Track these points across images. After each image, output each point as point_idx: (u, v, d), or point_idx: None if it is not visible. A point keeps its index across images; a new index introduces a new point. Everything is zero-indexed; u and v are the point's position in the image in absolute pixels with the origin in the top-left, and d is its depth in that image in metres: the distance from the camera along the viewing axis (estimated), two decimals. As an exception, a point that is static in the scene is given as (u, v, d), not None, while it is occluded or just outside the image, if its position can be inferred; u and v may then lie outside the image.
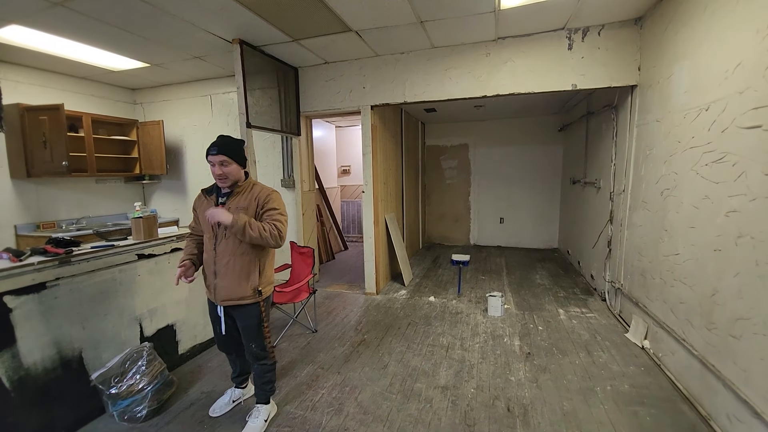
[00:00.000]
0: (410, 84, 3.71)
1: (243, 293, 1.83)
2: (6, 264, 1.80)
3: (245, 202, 1.82)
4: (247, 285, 1.83)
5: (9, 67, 3.61)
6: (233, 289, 1.83)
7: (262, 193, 1.85)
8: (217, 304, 1.89)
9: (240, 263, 1.82)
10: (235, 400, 2.17)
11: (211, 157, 1.77)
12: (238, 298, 1.84)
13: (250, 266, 1.84)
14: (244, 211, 1.79)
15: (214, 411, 2.11)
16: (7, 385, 1.70)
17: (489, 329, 3.16)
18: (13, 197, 3.73)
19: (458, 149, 6.81)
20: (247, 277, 1.83)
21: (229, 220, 1.66)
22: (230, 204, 1.82)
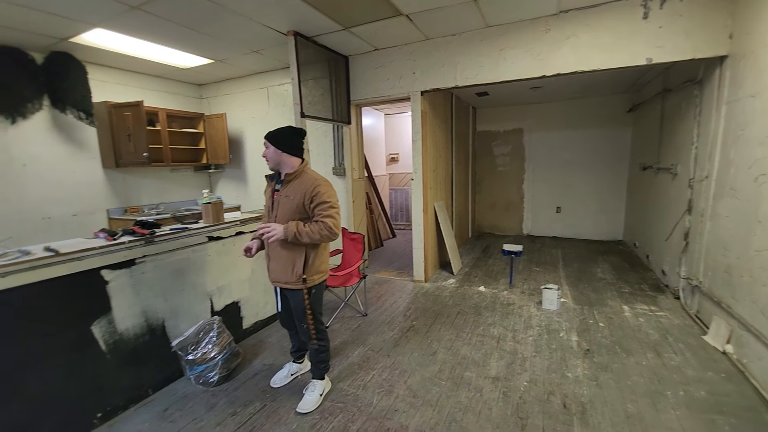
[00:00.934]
0: (462, 67, 3.58)
1: (288, 279, 1.93)
2: (103, 242, 2.07)
3: (293, 191, 1.88)
4: (291, 272, 1.91)
5: (97, 68, 4.06)
6: (280, 272, 1.95)
7: (309, 184, 1.87)
8: (272, 283, 2.03)
9: (285, 251, 1.91)
10: (293, 373, 2.32)
11: None
12: (284, 282, 1.96)
13: (295, 255, 1.91)
14: (291, 200, 1.87)
15: (274, 382, 2.28)
16: (104, 347, 1.98)
17: (543, 323, 3.03)
18: (105, 185, 4.27)
19: (512, 134, 6.48)
20: (292, 263, 1.91)
21: (282, 235, 1.79)
22: (282, 192, 1.92)
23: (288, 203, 1.88)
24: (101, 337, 1.95)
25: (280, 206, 1.91)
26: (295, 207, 1.87)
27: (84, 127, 3.98)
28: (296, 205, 1.87)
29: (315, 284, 1.99)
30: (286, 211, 1.89)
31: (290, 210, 1.88)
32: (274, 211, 1.93)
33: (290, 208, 1.88)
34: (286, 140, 1.91)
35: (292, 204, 1.87)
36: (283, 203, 1.90)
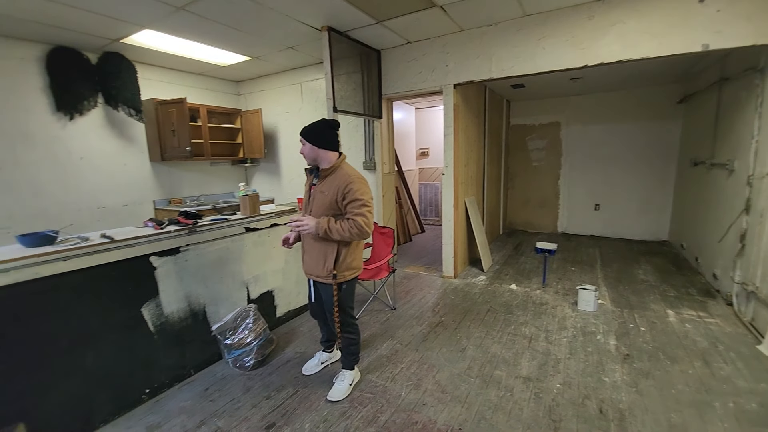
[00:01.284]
0: (497, 59, 3.47)
1: (319, 272, 1.96)
2: (151, 231, 2.21)
3: (327, 187, 1.90)
4: (322, 266, 1.94)
5: (145, 68, 4.31)
6: (313, 265, 1.99)
7: (343, 180, 1.86)
8: (306, 274, 2.08)
9: (317, 245, 1.94)
10: (323, 362, 2.39)
11: None
12: (316, 275, 2.00)
13: (326, 250, 1.92)
14: (324, 195, 1.89)
15: (305, 370, 2.35)
16: (152, 328, 2.12)
17: (579, 324, 2.92)
18: (151, 177, 4.55)
19: (548, 128, 6.23)
20: (323, 258, 1.93)
21: (313, 229, 1.82)
22: (318, 186, 1.94)
23: (322, 198, 1.90)
24: (150, 319, 2.10)
25: (314, 200, 1.94)
26: (328, 203, 1.88)
27: (134, 123, 4.26)
28: (329, 201, 1.88)
29: (345, 280, 1.99)
30: (320, 206, 1.91)
31: (324, 205, 1.90)
32: (309, 205, 1.97)
33: (324, 203, 1.90)
34: (321, 135, 1.92)
35: (325, 199, 1.89)
36: (318, 198, 1.92)
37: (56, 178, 3.73)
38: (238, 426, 1.89)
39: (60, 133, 3.74)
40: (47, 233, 1.86)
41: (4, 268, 1.58)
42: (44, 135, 3.63)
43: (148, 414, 2.00)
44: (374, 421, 1.90)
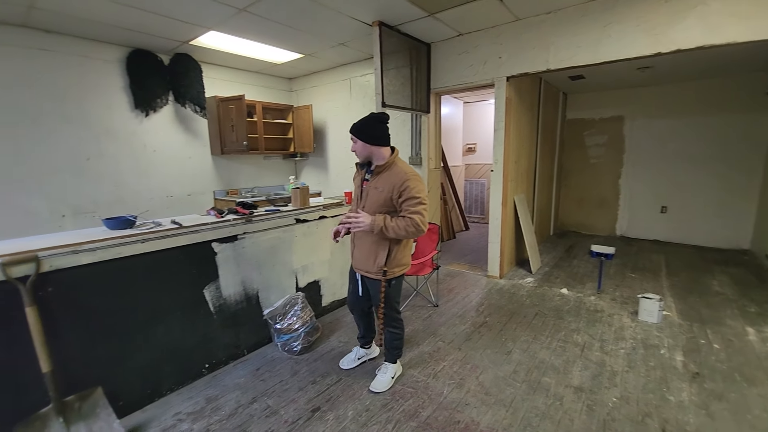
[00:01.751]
0: (555, 48, 3.27)
1: (369, 268, 1.96)
2: (213, 219, 2.39)
3: (382, 183, 1.86)
4: (373, 262, 1.93)
5: (209, 67, 4.63)
6: (363, 261, 1.99)
7: (399, 178, 1.83)
8: (354, 269, 2.09)
9: (368, 241, 1.93)
10: (359, 357, 2.37)
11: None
12: (365, 271, 2.00)
13: (378, 246, 1.91)
14: (379, 192, 1.85)
15: (343, 364, 2.35)
16: (212, 309, 2.30)
17: (639, 336, 2.70)
18: (212, 169, 4.90)
19: (609, 122, 5.77)
20: (375, 254, 1.92)
21: (368, 227, 1.81)
22: (371, 182, 1.91)
23: (376, 195, 1.87)
24: (210, 300, 2.27)
25: (368, 197, 1.91)
26: (383, 200, 1.85)
27: (198, 119, 4.61)
28: (384, 198, 1.85)
29: (395, 276, 1.98)
30: (374, 203, 1.88)
31: (378, 202, 1.87)
32: (362, 201, 1.94)
33: (378, 200, 1.87)
34: (372, 132, 1.88)
35: (380, 196, 1.86)
36: (372, 194, 1.90)
37: (133, 169, 4.16)
38: (286, 406, 1.99)
39: (137, 129, 4.15)
40: (128, 218, 2.08)
41: (93, 247, 1.79)
42: (124, 130, 4.05)
43: (207, 387, 2.17)
44: (416, 415, 1.91)
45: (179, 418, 1.92)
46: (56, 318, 1.68)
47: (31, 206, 3.48)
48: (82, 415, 1.70)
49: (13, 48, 3.28)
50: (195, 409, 1.98)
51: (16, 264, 1.55)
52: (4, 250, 1.63)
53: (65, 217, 3.70)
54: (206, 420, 1.90)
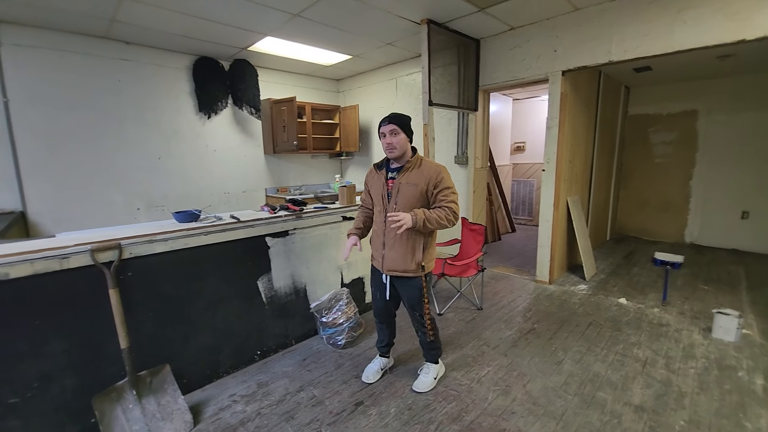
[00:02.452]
0: (619, 38, 3.04)
1: (407, 266, 1.90)
2: (266, 215, 2.53)
3: (415, 178, 1.84)
4: (411, 259, 1.89)
5: (263, 71, 4.89)
6: (399, 261, 1.91)
7: (433, 171, 1.84)
8: (384, 272, 1.99)
9: (406, 238, 1.88)
10: (382, 368, 2.26)
11: (383, 128, 1.86)
12: (402, 270, 1.92)
13: (416, 242, 1.89)
14: (413, 187, 1.83)
15: (366, 377, 2.20)
16: (264, 300, 2.43)
17: (713, 355, 2.43)
18: (264, 168, 5.18)
19: (679, 118, 5.25)
20: (412, 251, 1.89)
21: (411, 223, 1.75)
22: (400, 179, 1.86)
23: (411, 190, 1.84)
24: (263, 291, 2.41)
25: (400, 193, 1.86)
26: (418, 194, 1.84)
27: (253, 121, 4.90)
28: (420, 192, 1.84)
29: (429, 271, 1.97)
30: (408, 198, 1.85)
31: (414, 197, 1.84)
32: (392, 199, 1.89)
33: (414, 195, 1.84)
34: (410, 127, 1.90)
35: (415, 191, 1.84)
36: (405, 190, 1.86)
37: (196, 167, 4.52)
38: (330, 398, 2.06)
39: (201, 130, 4.50)
40: (194, 212, 2.27)
41: (165, 237, 1.97)
42: (189, 131, 4.41)
43: (258, 372, 2.31)
44: (459, 419, 1.88)
45: (234, 399, 2.06)
46: (133, 300, 1.87)
47: (111, 199, 3.92)
48: (152, 389, 1.89)
49: (99, 58, 3.70)
50: (248, 392, 2.12)
51: (102, 251, 1.76)
52: (93, 238, 1.85)
53: (139, 210, 4.12)
54: (258, 404, 2.02)
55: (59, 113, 3.53)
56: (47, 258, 1.63)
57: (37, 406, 1.64)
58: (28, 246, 1.71)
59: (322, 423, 1.87)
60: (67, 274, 1.68)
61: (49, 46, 3.42)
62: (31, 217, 3.46)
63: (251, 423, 1.87)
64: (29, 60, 3.33)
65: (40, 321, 1.63)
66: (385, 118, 1.88)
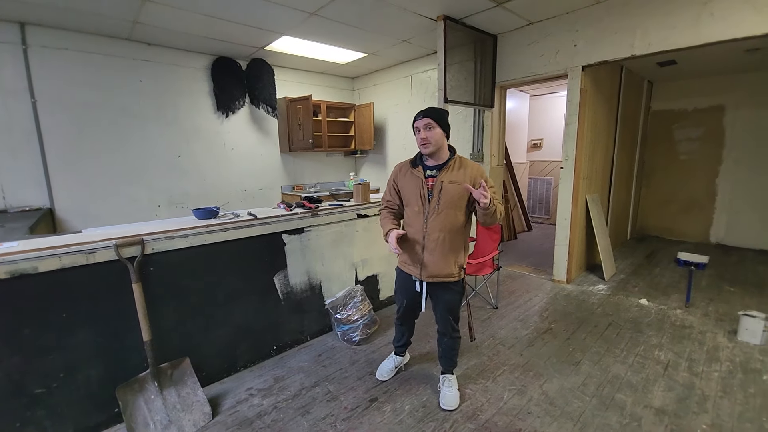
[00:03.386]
0: (643, 32, 2.94)
1: (450, 270, 1.81)
2: (283, 212, 2.56)
3: (459, 177, 1.76)
4: (454, 262, 1.81)
5: (280, 70, 4.94)
6: (441, 265, 1.80)
7: (476, 170, 1.78)
8: (422, 280, 1.85)
9: (450, 239, 1.78)
10: (397, 366, 2.23)
11: (418, 122, 1.77)
12: (445, 275, 1.81)
13: (458, 245, 1.81)
14: (456, 186, 1.75)
15: (381, 375, 2.18)
16: (280, 295, 2.46)
17: (738, 358, 2.34)
18: (280, 165, 5.25)
19: (705, 114, 5.05)
20: (456, 253, 1.81)
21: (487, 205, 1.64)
22: (442, 177, 1.77)
23: (455, 189, 1.75)
24: (279, 287, 2.44)
25: (443, 192, 1.76)
26: (460, 193, 1.75)
27: (269, 119, 4.96)
28: (462, 190, 1.74)
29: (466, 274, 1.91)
30: (452, 198, 1.76)
31: (456, 196, 1.76)
32: (435, 198, 1.77)
33: (456, 193, 1.75)
34: (447, 122, 1.80)
35: (458, 190, 1.75)
36: (449, 189, 1.76)
37: (215, 165, 4.61)
38: (345, 393, 2.08)
39: (219, 129, 4.59)
40: (212, 209, 2.32)
41: (185, 234, 2.02)
42: (208, 130, 4.51)
43: (275, 367, 2.34)
44: (474, 417, 1.87)
45: (251, 392, 2.10)
46: (155, 294, 1.93)
47: (135, 196, 4.04)
48: (172, 381, 1.94)
49: (121, 59, 3.81)
50: (264, 386, 2.16)
51: (126, 246, 1.82)
52: (117, 234, 1.92)
53: (161, 207, 4.23)
54: (274, 397, 2.05)
55: (84, 113, 3.66)
56: (74, 253, 1.69)
57: (63, 396, 1.71)
58: (55, 241, 1.78)
59: (337, 418, 1.89)
60: (93, 268, 1.74)
61: (74, 48, 3.54)
62: (58, 213, 3.61)
63: (268, 416, 1.91)
64: (55, 61, 3.46)
65: (67, 313, 1.70)
66: (420, 112, 1.79)
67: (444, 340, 1.99)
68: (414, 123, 1.81)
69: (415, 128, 1.81)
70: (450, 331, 1.95)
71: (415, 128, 1.81)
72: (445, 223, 1.78)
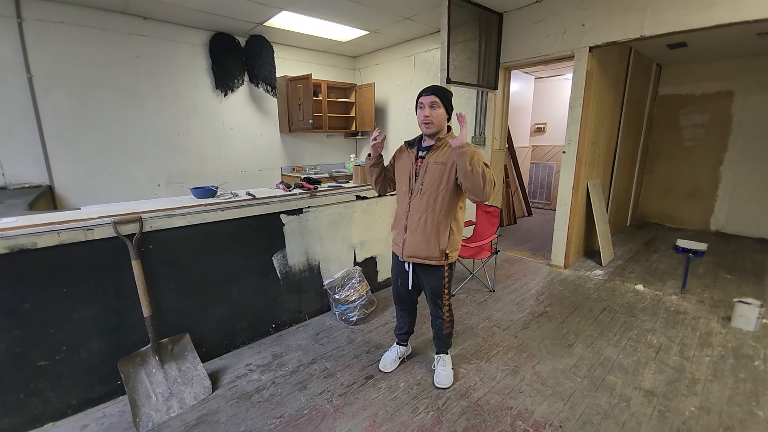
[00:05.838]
0: (653, 11, 2.84)
1: (429, 253, 1.78)
2: (281, 192, 2.55)
3: (443, 156, 1.71)
4: (435, 245, 1.77)
5: (279, 48, 4.82)
6: (421, 247, 1.78)
7: None
8: (404, 259, 1.87)
9: (431, 221, 1.75)
10: (400, 356, 2.20)
11: (423, 98, 1.71)
12: (424, 257, 1.80)
13: (441, 226, 1.76)
14: (441, 165, 1.70)
15: (384, 366, 2.12)
16: (279, 275, 2.49)
17: (730, 344, 2.38)
18: (280, 146, 5.20)
19: (713, 99, 4.95)
20: (436, 236, 1.76)
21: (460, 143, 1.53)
22: (429, 158, 1.74)
23: (438, 169, 1.71)
24: (278, 267, 2.46)
25: (428, 173, 1.73)
26: (446, 172, 1.70)
27: (269, 98, 4.88)
28: (448, 169, 1.69)
29: (453, 261, 1.85)
30: (435, 178, 1.72)
31: (439, 176, 1.71)
32: (419, 180, 1.76)
33: (442, 173, 1.71)
34: (451, 103, 1.75)
35: (443, 170, 1.70)
36: (433, 170, 1.72)
37: (214, 144, 4.57)
38: (342, 371, 2.12)
39: (218, 108, 4.52)
40: (210, 188, 2.31)
41: (183, 212, 2.02)
42: (207, 109, 4.44)
43: (273, 344, 2.39)
44: (466, 395, 1.92)
45: (250, 368, 2.15)
46: (155, 272, 1.95)
47: (134, 174, 4.03)
48: (173, 355, 1.98)
49: (117, 34, 3.71)
50: (263, 362, 2.21)
51: (125, 223, 1.82)
52: (115, 211, 1.92)
53: (160, 186, 4.22)
54: (272, 373, 2.10)
55: (81, 89, 3.60)
56: (72, 229, 1.70)
57: (66, 368, 1.75)
58: (53, 217, 1.78)
59: (333, 393, 1.94)
60: (92, 245, 1.75)
61: (70, 21, 3.45)
62: (58, 191, 3.60)
63: (266, 391, 1.96)
64: (50, 35, 3.38)
65: (67, 289, 1.72)
66: (426, 88, 1.73)
67: (436, 322, 2.01)
68: (419, 98, 1.75)
69: (419, 103, 1.75)
70: (440, 314, 1.96)
71: (419, 103, 1.75)
72: (428, 205, 1.75)
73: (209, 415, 1.80)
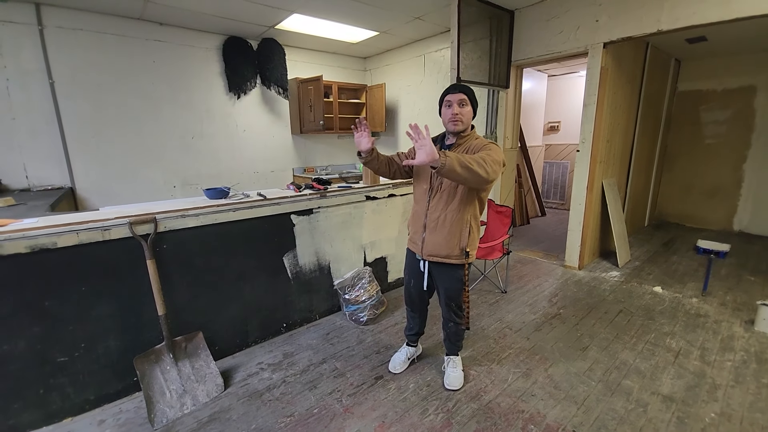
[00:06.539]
0: (671, 5, 2.76)
1: (449, 251, 1.76)
2: (292, 193, 2.57)
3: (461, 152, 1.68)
4: (455, 244, 1.75)
5: (291, 50, 4.87)
6: (441, 246, 1.76)
7: (480, 144, 1.68)
8: (422, 258, 1.85)
9: (451, 220, 1.73)
10: (410, 357, 2.18)
11: (451, 96, 1.68)
12: (444, 256, 1.78)
13: (461, 225, 1.73)
14: None
15: (394, 368, 2.12)
16: (290, 275, 2.51)
17: (753, 348, 2.28)
18: (292, 147, 5.25)
19: (735, 95, 4.78)
20: (457, 235, 1.74)
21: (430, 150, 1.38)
22: None
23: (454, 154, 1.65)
24: (288, 267, 2.49)
25: None
26: None
27: (280, 100, 4.94)
28: None
29: (472, 260, 1.82)
30: None
31: None
32: (439, 178, 1.71)
33: None
34: (477, 101, 1.74)
35: None
36: None
37: (227, 146, 4.65)
38: (352, 371, 2.13)
39: (231, 110, 4.60)
40: (223, 189, 2.35)
41: (196, 213, 2.06)
42: (220, 111, 4.52)
43: (284, 344, 2.41)
44: (477, 398, 1.90)
45: (261, 367, 2.17)
46: (169, 271, 1.99)
47: (152, 176, 4.13)
48: (187, 353, 2.02)
49: (134, 40, 3.82)
50: (274, 361, 2.23)
51: (140, 224, 1.86)
52: (131, 212, 1.97)
53: (176, 187, 4.32)
54: (283, 372, 2.12)
55: (100, 94, 3.71)
56: (90, 229, 1.75)
57: (84, 364, 1.80)
58: (73, 218, 1.84)
59: (343, 393, 1.94)
60: (110, 244, 1.80)
61: (89, 28, 3.56)
62: (79, 192, 3.72)
63: (277, 389, 1.98)
64: (71, 42, 3.49)
65: (86, 287, 1.77)
66: (453, 86, 1.70)
67: (448, 325, 1.99)
68: (445, 96, 1.72)
69: (446, 102, 1.72)
70: (453, 317, 1.94)
71: (446, 102, 1.72)
72: (448, 203, 1.73)
73: (221, 412, 1.83)
